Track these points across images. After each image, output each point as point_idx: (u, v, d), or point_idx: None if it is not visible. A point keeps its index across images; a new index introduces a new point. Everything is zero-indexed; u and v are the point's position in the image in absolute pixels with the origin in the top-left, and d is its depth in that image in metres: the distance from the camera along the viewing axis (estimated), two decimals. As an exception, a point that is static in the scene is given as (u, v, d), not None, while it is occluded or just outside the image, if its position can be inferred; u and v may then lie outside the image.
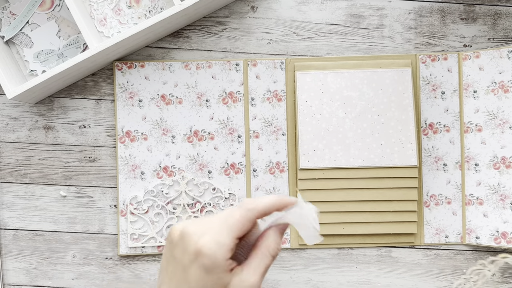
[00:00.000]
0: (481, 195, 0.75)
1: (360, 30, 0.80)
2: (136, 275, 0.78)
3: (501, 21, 0.79)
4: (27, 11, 0.78)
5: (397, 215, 0.76)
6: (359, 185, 0.75)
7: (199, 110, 0.77)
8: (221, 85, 0.78)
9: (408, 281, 0.77)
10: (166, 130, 0.77)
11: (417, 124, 0.77)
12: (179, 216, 0.77)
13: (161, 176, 0.77)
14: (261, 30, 0.80)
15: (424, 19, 0.79)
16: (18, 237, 0.78)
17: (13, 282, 0.78)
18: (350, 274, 0.78)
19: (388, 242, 0.77)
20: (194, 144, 0.77)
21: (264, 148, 0.78)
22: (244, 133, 0.78)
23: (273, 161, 0.78)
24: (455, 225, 0.77)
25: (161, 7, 0.79)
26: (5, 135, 0.79)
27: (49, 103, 0.79)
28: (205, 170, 0.77)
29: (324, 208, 0.76)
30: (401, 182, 0.75)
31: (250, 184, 0.77)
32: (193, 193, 0.77)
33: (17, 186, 0.78)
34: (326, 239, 0.77)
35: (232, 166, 0.77)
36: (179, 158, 0.77)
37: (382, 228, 0.76)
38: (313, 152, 0.75)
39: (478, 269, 0.73)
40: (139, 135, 0.77)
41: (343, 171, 0.75)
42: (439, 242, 0.77)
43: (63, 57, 0.78)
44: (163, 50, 0.79)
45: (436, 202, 0.77)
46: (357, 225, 0.76)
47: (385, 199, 0.75)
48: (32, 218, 0.78)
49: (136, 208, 0.76)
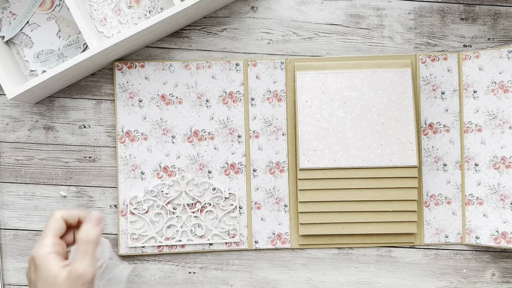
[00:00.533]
0: (481, 195, 0.75)
1: (360, 30, 0.80)
2: (136, 275, 0.78)
3: (501, 21, 0.79)
4: (27, 11, 0.78)
5: (397, 215, 0.76)
6: (359, 185, 0.75)
7: (199, 110, 0.77)
8: (221, 85, 0.78)
9: (408, 281, 0.77)
10: (166, 130, 0.77)
11: (417, 124, 0.77)
12: (179, 216, 0.76)
13: (161, 176, 0.77)
14: (261, 30, 0.80)
15: (424, 19, 0.79)
16: (18, 237, 0.78)
17: (13, 282, 0.78)
18: (350, 274, 0.78)
19: (388, 242, 0.77)
20: (194, 144, 0.77)
21: (264, 148, 0.77)
22: (244, 133, 0.77)
23: (273, 161, 0.77)
24: (455, 225, 0.77)
25: (161, 7, 0.79)
26: (5, 135, 0.79)
27: (49, 103, 0.79)
28: (205, 170, 0.77)
29: (324, 208, 0.76)
30: (401, 182, 0.75)
31: (250, 184, 0.77)
32: (193, 193, 0.77)
33: (17, 186, 0.78)
34: (326, 239, 0.77)
35: (232, 166, 0.77)
36: (179, 158, 0.77)
37: (382, 228, 0.76)
38: (313, 152, 0.75)
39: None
40: (139, 135, 0.77)
41: (343, 171, 0.75)
42: (439, 242, 0.77)
43: (63, 57, 0.78)
44: (163, 50, 0.79)
45: (436, 202, 0.77)
46: (357, 225, 0.76)
47: (385, 199, 0.75)
48: (32, 218, 0.78)
49: (136, 208, 0.76)
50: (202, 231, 0.77)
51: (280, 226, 0.77)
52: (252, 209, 0.77)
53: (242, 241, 0.77)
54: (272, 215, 0.77)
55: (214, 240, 0.77)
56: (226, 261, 0.78)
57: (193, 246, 0.77)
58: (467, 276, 0.78)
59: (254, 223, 0.77)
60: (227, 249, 0.77)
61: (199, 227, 0.77)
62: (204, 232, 0.77)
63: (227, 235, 0.77)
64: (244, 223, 0.77)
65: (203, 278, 0.78)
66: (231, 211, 0.77)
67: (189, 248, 0.77)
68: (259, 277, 0.78)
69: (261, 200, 0.77)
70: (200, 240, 0.77)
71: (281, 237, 0.77)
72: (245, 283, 0.78)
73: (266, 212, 0.77)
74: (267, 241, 0.77)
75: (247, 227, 0.77)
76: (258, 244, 0.77)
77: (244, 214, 0.77)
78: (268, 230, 0.78)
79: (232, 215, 0.77)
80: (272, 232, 0.78)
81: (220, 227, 0.77)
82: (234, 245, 0.77)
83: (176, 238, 0.76)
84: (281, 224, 0.77)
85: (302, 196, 0.76)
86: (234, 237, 0.77)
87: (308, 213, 0.76)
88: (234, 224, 0.77)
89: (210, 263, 0.78)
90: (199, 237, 0.77)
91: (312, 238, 0.77)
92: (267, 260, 0.78)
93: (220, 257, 0.78)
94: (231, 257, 0.78)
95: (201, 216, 0.77)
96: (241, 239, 0.77)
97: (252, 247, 0.77)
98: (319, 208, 0.76)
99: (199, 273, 0.78)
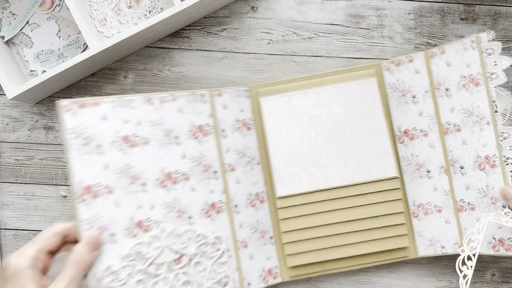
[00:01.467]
0: (471, 200, 0.70)
1: (360, 30, 0.80)
2: (136, 275, 0.78)
3: (501, 21, 0.79)
4: (27, 11, 0.78)
5: (386, 230, 0.73)
6: (341, 205, 0.73)
7: (169, 149, 0.67)
8: (189, 119, 0.69)
9: (408, 281, 0.77)
10: (135, 178, 0.63)
11: (392, 133, 0.75)
12: (165, 276, 0.64)
13: (136, 234, 0.63)
14: (261, 30, 0.80)
15: (424, 19, 0.79)
16: (18, 237, 0.78)
17: (13, 282, 0.78)
18: (350, 274, 0.78)
19: (381, 260, 0.74)
20: (169, 189, 0.66)
21: (241, 180, 0.72)
22: (220, 168, 0.71)
23: (252, 193, 0.73)
24: (450, 234, 0.72)
25: (161, 7, 0.79)
26: (5, 135, 0.79)
27: (49, 103, 0.79)
28: (185, 216, 0.67)
29: (309, 234, 0.73)
30: (384, 196, 0.73)
31: (233, 222, 0.70)
32: (176, 246, 0.65)
33: (17, 186, 0.78)
34: (317, 266, 0.74)
35: (213, 206, 0.69)
36: (154, 208, 0.65)
37: (372, 247, 0.73)
38: (289, 178, 0.73)
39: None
40: (102, 188, 0.61)
41: (323, 193, 0.73)
42: (435, 254, 0.73)
43: (63, 57, 0.78)
44: (163, 50, 0.79)
45: (425, 211, 0.74)
46: (347, 247, 0.73)
47: (371, 216, 0.73)
48: (32, 218, 0.78)
49: (113, 281, 0.62)
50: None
51: (269, 261, 0.73)
52: (239, 249, 0.70)
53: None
54: (260, 251, 0.72)
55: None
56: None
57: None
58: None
59: (243, 263, 0.70)
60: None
61: (189, 284, 0.65)
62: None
63: (219, 285, 0.68)
64: (234, 266, 0.69)
65: (203, 278, 0.78)
66: (219, 257, 0.68)
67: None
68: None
69: (247, 237, 0.71)
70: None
71: (271, 272, 0.73)
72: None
73: (253, 249, 0.71)
74: (259, 280, 0.72)
75: (237, 270, 0.70)
76: (251, 286, 0.71)
77: (232, 257, 0.69)
78: (258, 268, 0.72)
79: (221, 261, 0.68)
80: (262, 269, 0.72)
81: (211, 278, 0.67)
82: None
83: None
84: (270, 259, 0.73)
85: (284, 225, 0.73)
86: (226, 285, 0.68)
87: (294, 243, 0.73)
88: (226, 271, 0.68)
89: (210, 263, 0.78)
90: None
91: (303, 268, 0.74)
92: (267, 260, 0.78)
93: (220, 257, 0.78)
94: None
95: (190, 271, 0.66)
96: (233, 285, 0.69)
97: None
98: (304, 236, 0.73)
99: (199, 273, 0.78)
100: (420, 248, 0.74)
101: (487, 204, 0.69)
